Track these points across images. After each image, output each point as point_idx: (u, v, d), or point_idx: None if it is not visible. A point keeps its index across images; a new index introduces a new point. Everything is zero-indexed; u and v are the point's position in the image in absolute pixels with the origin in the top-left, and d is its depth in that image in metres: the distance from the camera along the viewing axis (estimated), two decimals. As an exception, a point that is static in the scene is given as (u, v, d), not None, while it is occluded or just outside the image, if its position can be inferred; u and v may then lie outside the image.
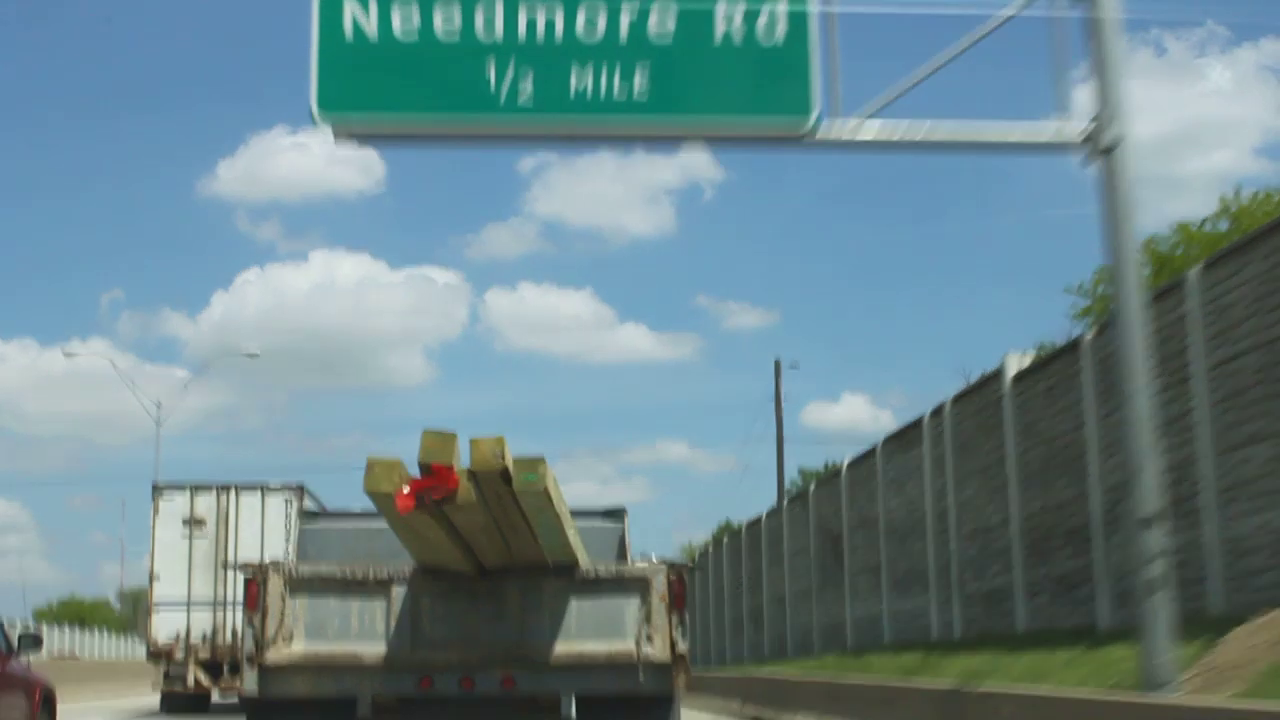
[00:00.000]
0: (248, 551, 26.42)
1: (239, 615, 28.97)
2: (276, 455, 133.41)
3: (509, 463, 7.67)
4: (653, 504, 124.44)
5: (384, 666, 8.88)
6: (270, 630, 8.83)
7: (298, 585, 8.97)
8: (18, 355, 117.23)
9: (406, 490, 7.34)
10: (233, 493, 27.05)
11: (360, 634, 8.90)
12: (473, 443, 7.70)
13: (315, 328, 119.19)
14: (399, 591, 8.94)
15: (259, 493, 26.88)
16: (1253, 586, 12.48)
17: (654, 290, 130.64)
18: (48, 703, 14.72)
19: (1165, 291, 14.52)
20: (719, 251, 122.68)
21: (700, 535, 78.25)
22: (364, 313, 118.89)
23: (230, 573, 28.05)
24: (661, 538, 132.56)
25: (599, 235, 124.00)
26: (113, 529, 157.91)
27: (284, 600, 8.92)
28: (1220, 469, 13.14)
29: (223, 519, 26.89)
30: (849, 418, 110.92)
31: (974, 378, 33.24)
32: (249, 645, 9.00)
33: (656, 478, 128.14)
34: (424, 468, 7.63)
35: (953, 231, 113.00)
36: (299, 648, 8.87)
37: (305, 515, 11.08)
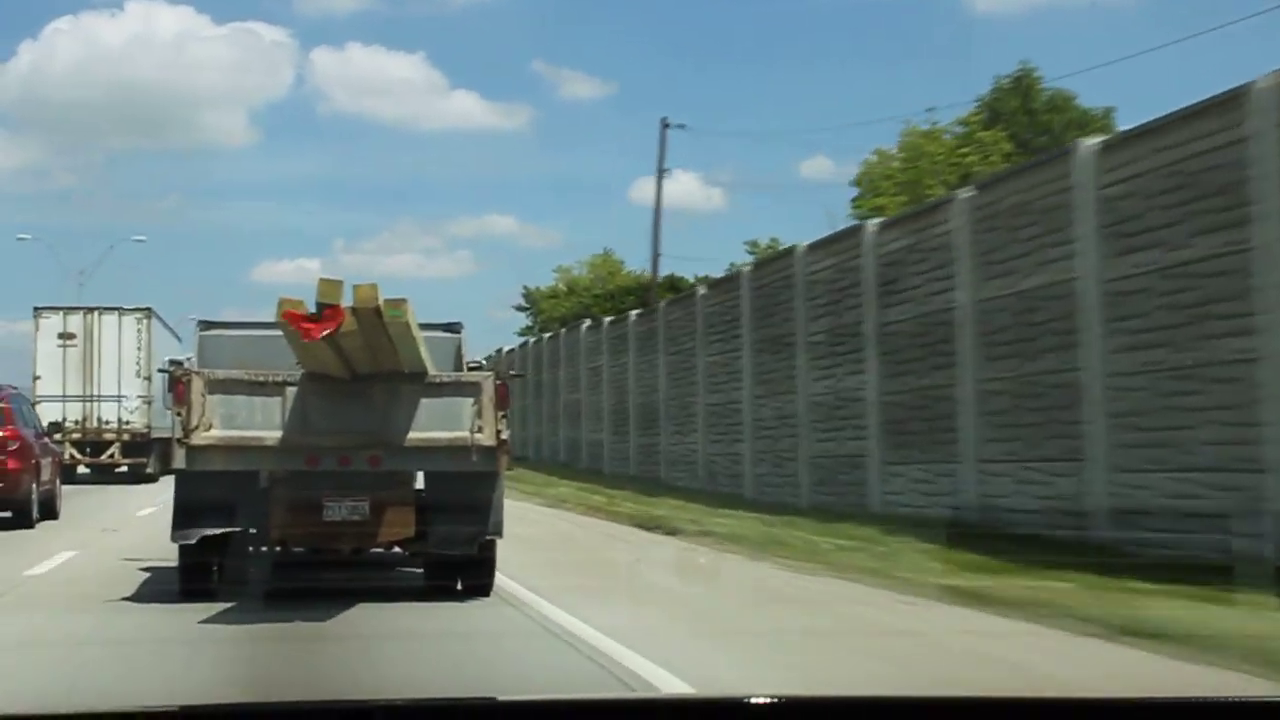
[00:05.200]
0: (109, 359, 33.51)
1: (103, 407, 33.15)
2: (89, 218, 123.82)
3: (380, 303, 10.01)
4: (477, 277, 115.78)
5: (280, 448, 10.86)
6: (194, 420, 10.80)
7: (214, 386, 10.89)
8: None
9: (310, 325, 9.72)
10: (96, 314, 33.86)
11: (262, 423, 10.85)
12: (355, 288, 9.96)
13: (132, 83, 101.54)
14: (291, 391, 10.88)
15: (116, 314, 33.82)
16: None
17: (489, 56, 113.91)
18: (61, 466, 22.88)
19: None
20: (560, 12, 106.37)
21: (521, 314, 72.28)
22: (184, 68, 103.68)
23: (96, 373, 33.70)
24: (476, 313, 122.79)
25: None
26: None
27: (204, 397, 11.05)
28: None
29: (88, 334, 33.53)
30: (680, 194, 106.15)
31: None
32: (178, 431, 11.24)
33: (482, 251, 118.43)
34: (320, 306, 9.93)
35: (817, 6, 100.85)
36: (215, 433, 10.82)
37: (202, 324, 13.11)
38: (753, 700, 2.97)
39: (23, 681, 8.27)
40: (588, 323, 40.42)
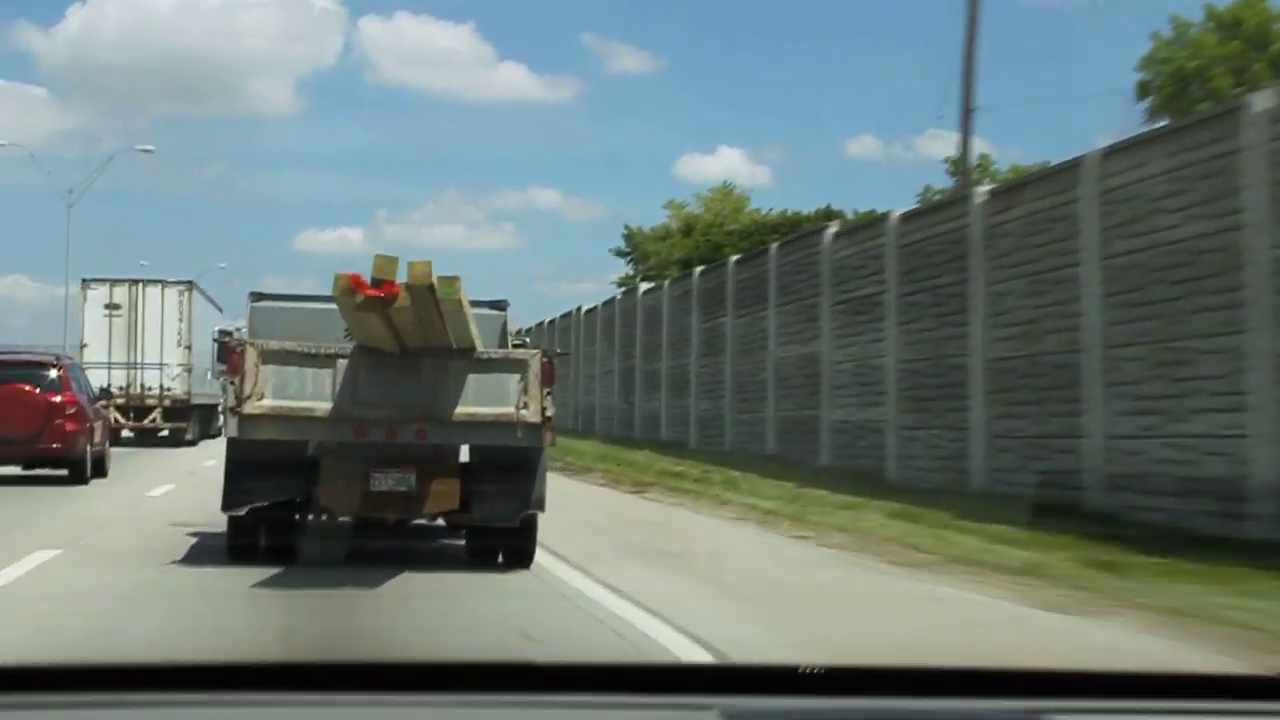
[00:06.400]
0: (152, 329, 34.95)
1: (146, 374, 34.46)
2: (134, 182, 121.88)
3: (434, 279, 10.13)
4: (520, 251, 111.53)
5: (330, 419, 10.94)
6: (247, 389, 10.90)
7: (268, 356, 10.97)
8: None
9: (370, 289, 9.89)
10: (141, 285, 35.63)
11: (313, 394, 10.92)
12: (410, 264, 10.10)
13: (180, 49, 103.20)
14: (342, 364, 10.95)
15: (160, 286, 35.62)
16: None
17: (538, 28, 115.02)
18: (110, 429, 24.69)
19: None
20: None
21: (565, 287, 63.92)
22: (232, 35, 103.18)
23: (140, 341, 35.00)
24: (519, 286, 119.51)
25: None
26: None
27: (257, 367, 11.11)
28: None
29: (133, 305, 35.12)
30: (724, 171, 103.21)
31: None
32: (231, 400, 11.41)
33: (525, 224, 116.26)
34: (375, 281, 10.09)
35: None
36: (268, 403, 10.90)
37: (254, 295, 13.25)
38: (802, 669, 2.88)
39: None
40: (834, 227, 26.32)
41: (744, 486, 20.61)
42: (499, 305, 13.21)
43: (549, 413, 11.24)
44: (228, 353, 11.34)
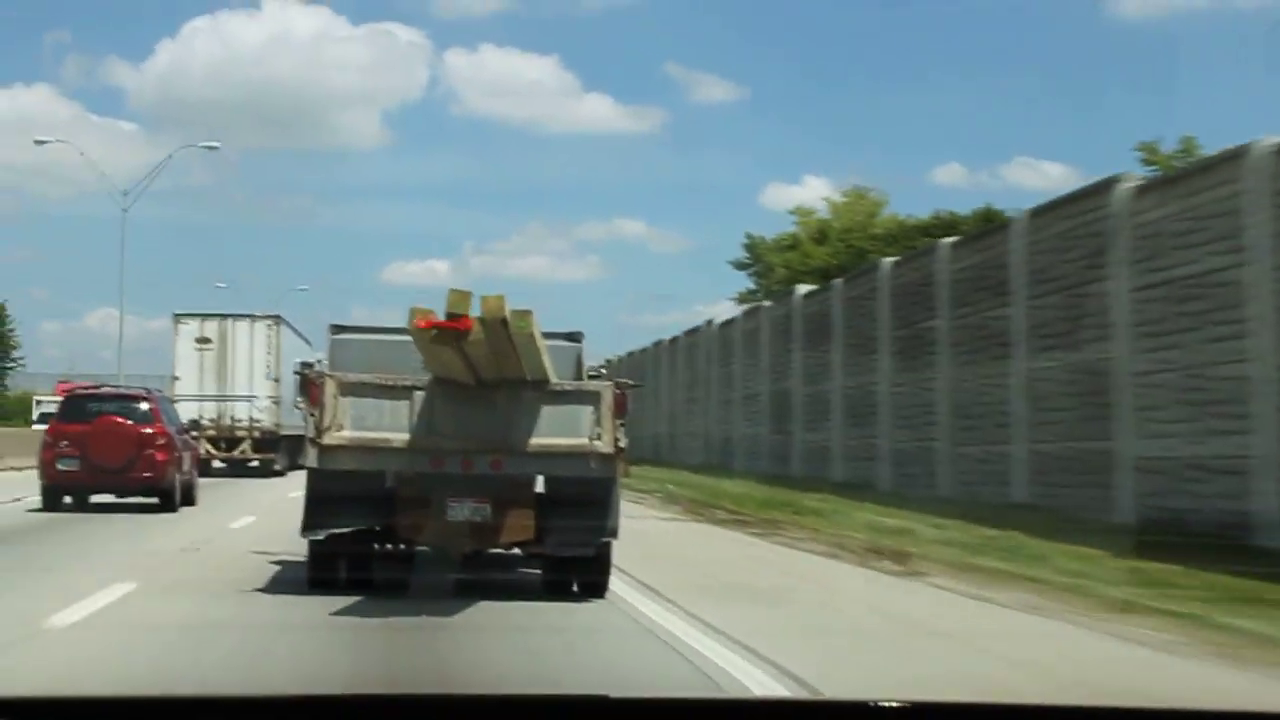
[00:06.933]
0: (242, 362, 35.90)
1: (236, 407, 35.92)
2: (224, 215, 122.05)
3: (507, 313, 10.24)
4: (605, 281, 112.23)
5: (407, 449, 11.10)
6: (326, 421, 11.11)
7: (346, 388, 11.18)
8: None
9: (442, 320, 10.03)
10: (230, 320, 36.66)
11: (390, 425, 11.09)
12: (483, 299, 10.24)
13: (268, 82, 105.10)
14: (418, 395, 11.11)
15: (249, 320, 36.78)
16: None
17: (622, 59, 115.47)
18: (198, 460, 25.48)
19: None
20: (695, 14, 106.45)
21: (650, 318, 59.77)
22: (320, 69, 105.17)
23: (230, 374, 35.96)
24: (604, 318, 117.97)
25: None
26: (51, 286, 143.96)
27: (336, 399, 11.28)
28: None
29: (223, 339, 36.10)
30: (809, 200, 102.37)
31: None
32: (310, 431, 11.64)
33: (610, 255, 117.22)
34: (449, 315, 10.25)
35: (951, 13, 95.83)
36: (346, 434, 11.08)
37: (334, 328, 13.44)
38: (882, 704, 2.82)
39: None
40: (1130, 180, 18.72)
41: (1026, 553, 14.08)
42: (574, 337, 13.30)
43: (622, 444, 11.32)
44: (308, 385, 11.53)
